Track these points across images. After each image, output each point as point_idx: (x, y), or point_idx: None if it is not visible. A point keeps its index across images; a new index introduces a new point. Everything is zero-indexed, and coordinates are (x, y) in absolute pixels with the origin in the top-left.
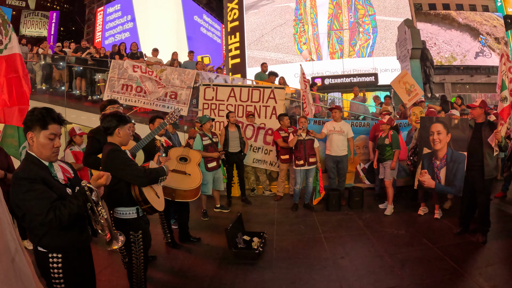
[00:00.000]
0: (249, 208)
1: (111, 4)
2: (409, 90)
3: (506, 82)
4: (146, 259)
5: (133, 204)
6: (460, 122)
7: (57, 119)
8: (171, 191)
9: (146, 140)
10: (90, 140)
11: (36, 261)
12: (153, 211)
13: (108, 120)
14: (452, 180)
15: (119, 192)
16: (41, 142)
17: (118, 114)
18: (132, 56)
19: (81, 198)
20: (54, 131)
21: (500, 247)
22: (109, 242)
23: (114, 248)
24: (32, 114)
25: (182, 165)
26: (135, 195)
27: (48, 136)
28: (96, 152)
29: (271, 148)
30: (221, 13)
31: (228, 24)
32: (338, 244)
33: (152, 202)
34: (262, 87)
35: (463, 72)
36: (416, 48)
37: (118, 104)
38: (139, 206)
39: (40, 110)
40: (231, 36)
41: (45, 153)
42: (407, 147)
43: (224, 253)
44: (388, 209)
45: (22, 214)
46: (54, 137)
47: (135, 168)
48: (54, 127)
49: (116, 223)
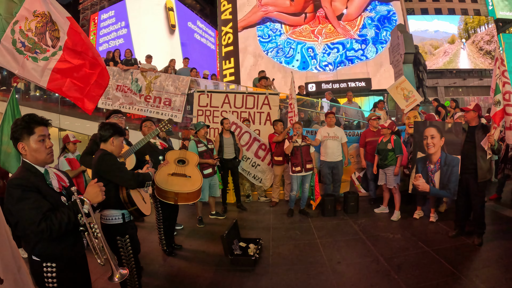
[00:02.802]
0: (244, 215)
1: (105, 10)
2: (407, 96)
3: (500, 85)
4: (137, 265)
5: (120, 207)
6: (453, 126)
7: (41, 121)
8: (173, 195)
9: (138, 146)
10: (90, 142)
11: (31, 270)
12: (139, 214)
13: (105, 128)
14: (447, 183)
15: (107, 195)
16: (33, 147)
17: (116, 126)
18: (127, 63)
19: (72, 208)
20: (42, 133)
21: (495, 248)
22: (110, 276)
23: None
24: (16, 125)
25: (181, 168)
26: (123, 197)
27: (37, 139)
28: (92, 153)
29: (259, 163)
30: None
31: (222, 49)
32: (334, 249)
33: (138, 205)
34: (256, 93)
35: (455, 76)
36: (409, 53)
37: (121, 114)
38: (126, 208)
39: (22, 118)
40: (225, 62)
41: (40, 157)
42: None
43: (220, 260)
44: (395, 215)
45: (16, 222)
46: (43, 139)
47: (124, 171)
48: (40, 129)
49: (103, 229)
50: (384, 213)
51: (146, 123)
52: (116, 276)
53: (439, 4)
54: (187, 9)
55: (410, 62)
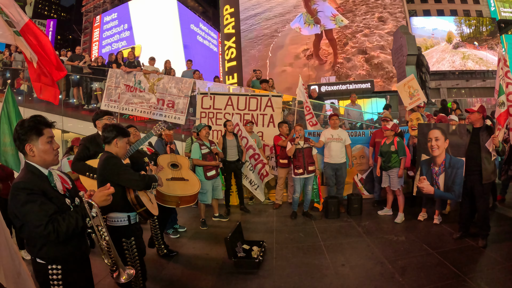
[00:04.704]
0: (247, 217)
1: (108, 13)
2: (412, 94)
3: (503, 86)
4: (143, 267)
5: (126, 209)
6: (458, 128)
7: (47, 123)
8: (177, 199)
9: (132, 150)
10: (80, 147)
11: (35, 273)
12: (148, 215)
13: (108, 130)
14: (451, 185)
15: (114, 197)
16: (42, 148)
17: (119, 126)
18: (130, 65)
19: (81, 212)
20: (50, 134)
21: (500, 250)
22: (117, 277)
23: (122, 281)
24: (22, 127)
25: (177, 172)
26: (131, 199)
27: (46, 140)
28: (84, 158)
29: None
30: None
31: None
32: (338, 252)
33: (147, 206)
34: (259, 95)
35: (458, 77)
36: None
37: (112, 116)
38: (135, 209)
39: (30, 120)
40: (228, 77)
41: (49, 158)
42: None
43: (223, 263)
44: (398, 217)
45: (21, 225)
46: (51, 140)
47: (131, 173)
48: (48, 131)
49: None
50: (388, 215)
51: (130, 129)
52: (123, 277)
53: (441, 6)
54: (189, 12)
55: (412, 64)
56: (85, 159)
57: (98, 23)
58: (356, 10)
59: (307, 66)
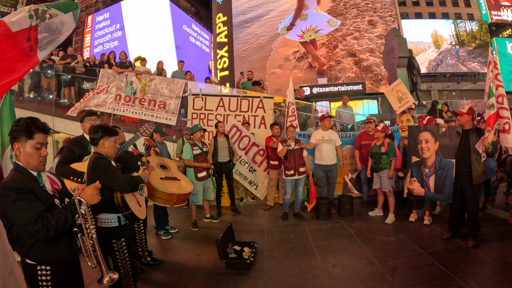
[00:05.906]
0: (239, 218)
1: (100, 12)
2: (400, 98)
3: (493, 89)
4: (134, 269)
5: (115, 211)
6: (447, 130)
7: (43, 128)
8: (174, 197)
9: (119, 152)
10: (64, 149)
11: (24, 274)
12: (134, 219)
13: (94, 131)
14: (442, 187)
15: (102, 198)
16: (28, 152)
17: (105, 126)
18: (121, 65)
19: (70, 209)
20: (40, 140)
21: (490, 250)
22: (100, 279)
23: (105, 283)
24: (17, 125)
25: (168, 172)
26: (117, 202)
27: (34, 145)
28: (69, 161)
29: (256, 168)
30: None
31: (218, 73)
32: (329, 252)
33: (133, 209)
34: (251, 96)
35: (449, 79)
36: (403, 57)
37: (95, 116)
38: (121, 212)
39: (25, 120)
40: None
41: (32, 162)
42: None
43: (215, 264)
44: (389, 218)
45: (10, 225)
46: (40, 146)
47: (118, 175)
48: (40, 136)
49: (98, 232)
50: (379, 216)
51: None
52: (105, 279)
53: (433, 9)
54: (182, 12)
55: (404, 66)
56: (70, 162)
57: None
58: (347, 13)
59: (297, 68)
